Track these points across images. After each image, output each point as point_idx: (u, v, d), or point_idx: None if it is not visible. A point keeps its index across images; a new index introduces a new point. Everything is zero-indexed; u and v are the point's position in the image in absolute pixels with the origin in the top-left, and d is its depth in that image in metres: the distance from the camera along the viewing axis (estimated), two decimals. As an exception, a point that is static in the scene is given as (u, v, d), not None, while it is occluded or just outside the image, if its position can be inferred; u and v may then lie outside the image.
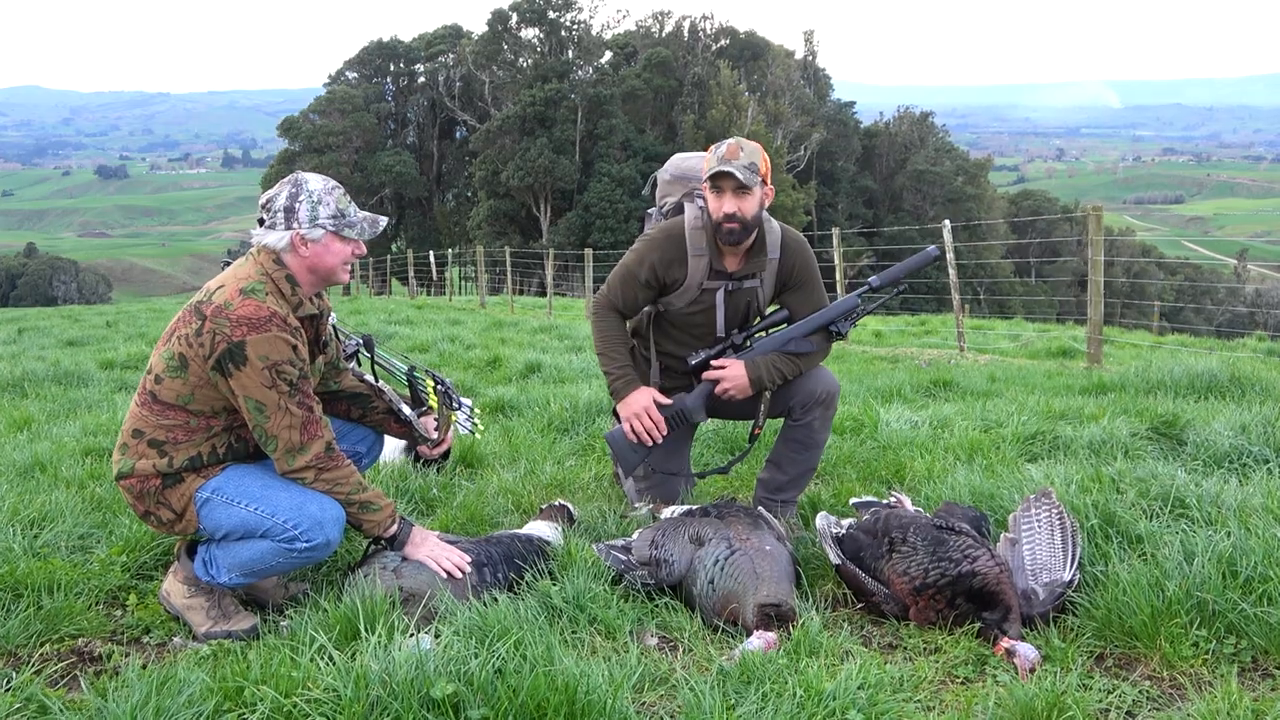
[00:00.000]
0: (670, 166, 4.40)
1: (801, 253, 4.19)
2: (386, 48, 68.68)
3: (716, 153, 3.93)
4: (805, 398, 4.18)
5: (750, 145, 3.94)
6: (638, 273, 4.14)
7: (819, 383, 4.20)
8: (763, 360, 4.09)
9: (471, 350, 11.48)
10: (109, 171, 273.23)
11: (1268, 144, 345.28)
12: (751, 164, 3.89)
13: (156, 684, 2.60)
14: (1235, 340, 17.98)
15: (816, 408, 4.19)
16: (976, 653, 3.05)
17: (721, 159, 3.89)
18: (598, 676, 2.60)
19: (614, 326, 4.26)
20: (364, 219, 3.31)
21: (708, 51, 64.38)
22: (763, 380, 4.09)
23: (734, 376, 4.08)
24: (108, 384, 9.19)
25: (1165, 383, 6.85)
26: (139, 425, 3.22)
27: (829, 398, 4.21)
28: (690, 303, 4.17)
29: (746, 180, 3.85)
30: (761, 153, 3.96)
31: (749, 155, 3.90)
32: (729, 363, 4.10)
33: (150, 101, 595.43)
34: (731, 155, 3.88)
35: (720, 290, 4.14)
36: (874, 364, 10.98)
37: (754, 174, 3.89)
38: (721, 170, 3.86)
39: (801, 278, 4.19)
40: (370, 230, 3.32)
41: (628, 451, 4.19)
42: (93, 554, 3.78)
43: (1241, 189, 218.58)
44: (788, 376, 4.13)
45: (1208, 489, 3.99)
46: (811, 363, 4.18)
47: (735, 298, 4.17)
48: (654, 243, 4.14)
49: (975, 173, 67.60)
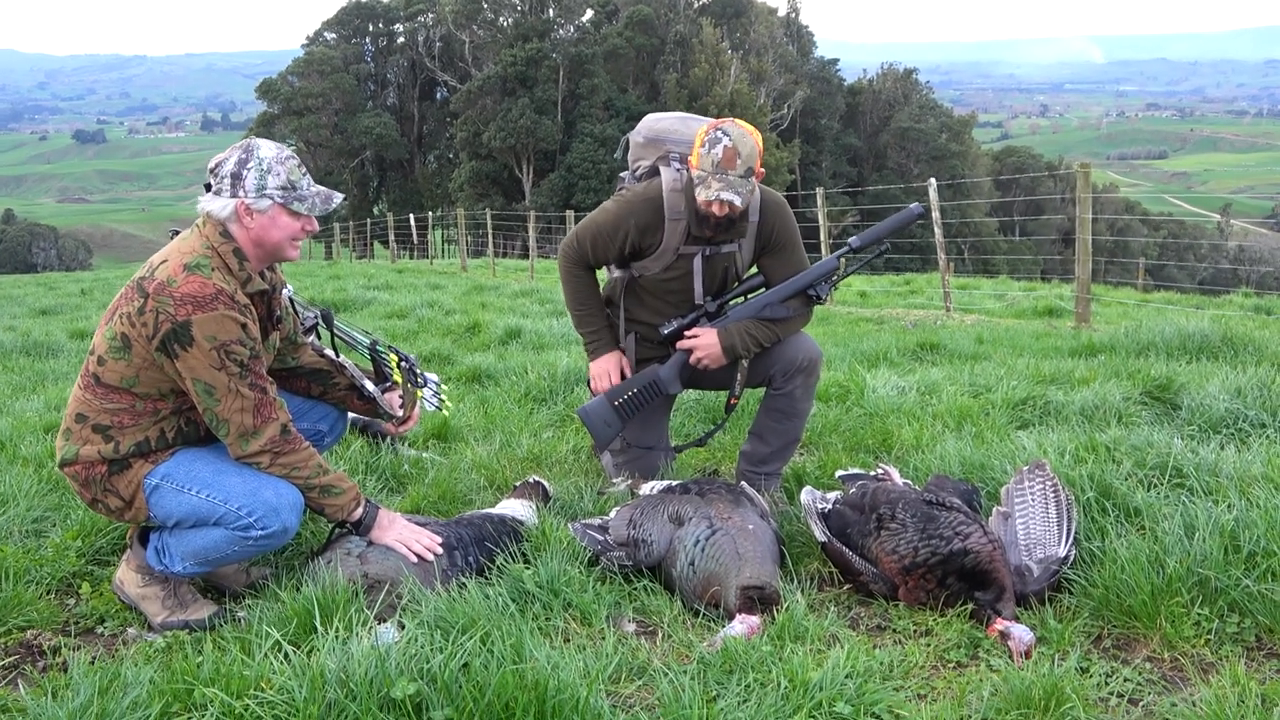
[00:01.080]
0: (643, 128, 4.18)
1: (781, 215, 4.01)
2: (365, 8, 67.77)
3: (711, 156, 3.66)
4: (786, 365, 4.03)
5: (747, 144, 3.66)
6: (613, 234, 3.98)
7: (800, 349, 4.04)
8: (736, 328, 3.93)
9: (451, 316, 11.29)
10: (87, 136, 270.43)
11: (1251, 98, 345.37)
12: (749, 169, 3.66)
13: (101, 686, 2.45)
14: (1221, 296, 17.95)
15: (798, 375, 4.03)
16: (969, 635, 2.91)
17: (716, 166, 3.65)
18: (570, 671, 2.45)
19: (586, 283, 4.15)
20: (316, 194, 3.09)
21: (690, 9, 63.77)
22: (736, 348, 3.93)
23: (707, 345, 3.93)
24: (78, 355, 8.98)
25: (1156, 343, 6.72)
26: (82, 409, 3.04)
27: (810, 365, 4.05)
28: (666, 268, 4.00)
29: (744, 201, 3.68)
30: (755, 142, 3.70)
31: (746, 160, 3.65)
32: (702, 331, 3.95)
33: (127, 64, 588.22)
34: (728, 165, 3.64)
35: (698, 256, 3.97)
36: (859, 325, 10.85)
37: (748, 181, 3.67)
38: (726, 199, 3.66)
39: (781, 240, 4.02)
40: (323, 206, 3.09)
41: (601, 426, 4.07)
42: (46, 538, 3.63)
43: (1225, 144, 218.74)
44: (764, 344, 3.98)
45: (1205, 457, 3.88)
46: (790, 328, 4.02)
47: (713, 263, 4.01)
48: (631, 206, 3.96)
49: (959, 130, 67.39)
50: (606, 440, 4.14)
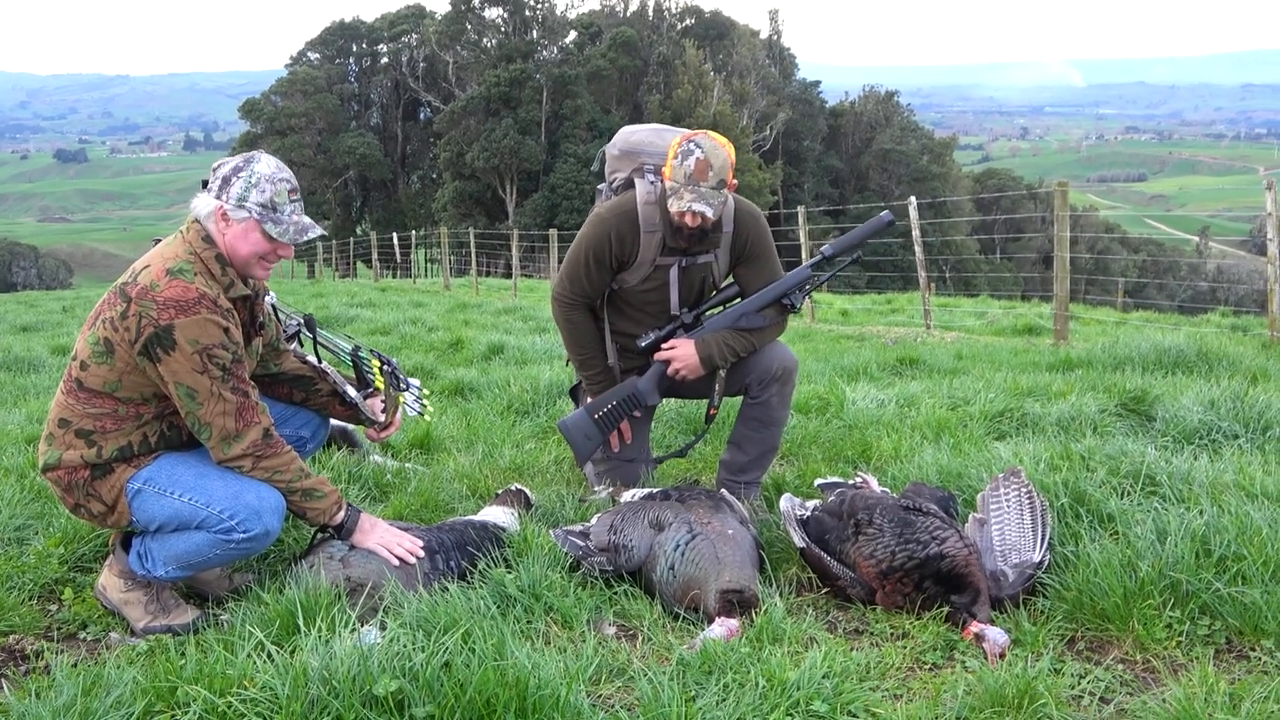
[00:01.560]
0: (618, 141, 4.24)
1: (755, 225, 4.06)
2: (349, 28, 67.92)
3: (683, 168, 3.71)
4: (761, 374, 4.07)
5: (719, 156, 3.70)
6: (599, 255, 4.01)
7: (775, 359, 4.08)
8: (713, 338, 3.96)
9: (434, 332, 11.31)
10: (68, 155, 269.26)
11: (1229, 122, 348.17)
12: (720, 182, 3.71)
13: (84, 685, 2.46)
14: (1199, 316, 18.07)
15: (773, 384, 4.07)
16: (945, 637, 2.96)
17: (688, 178, 3.70)
18: (551, 669, 2.48)
19: (584, 327, 4.17)
20: (294, 223, 3.09)
21: (673, 31, 64.14)
22: (714, 358, 3.96)
23: (684, 356, 3.96)
24: (59, 370, 8.94)
25: (1133, 358, 6.81)
26: (65, 414, 3.06)
27: (785, 374, 4.09)
28: (643, 279, 4.05)
29: (715, 212, 3.72)
30: (728, 154, 3.74)
31: (718, 173, 3.69)
32: (679, 342, 3.98)
33: (109, 84, 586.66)
34: (700, 177, 3.69)
35: (674, 267, 4.02)
36: (840, 343, 10.91)
37: (720, 192, 3.72)
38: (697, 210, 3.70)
39: (755, 250, 4.06)
40: (295, 236, 3.08)
41: (581, 439, 4.11)
42: (29, 546, 3.63)
43: (1203, 167, 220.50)
44: (740, 353, 4.01)
45: (1178, 466, 3.93)
46: (765, 337, 4.06)
47: (690, 274, 4.05)
48: (605, 222, 4.00)
49: (940, 152, 67.78)
50: (587, 453, 4.17)
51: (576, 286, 4.09)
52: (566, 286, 4.11)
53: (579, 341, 4.19)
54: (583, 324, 4.17)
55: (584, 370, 4.23)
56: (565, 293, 4.12)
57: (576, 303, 4.13)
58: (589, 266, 4.04)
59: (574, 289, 4.10)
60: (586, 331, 4.18)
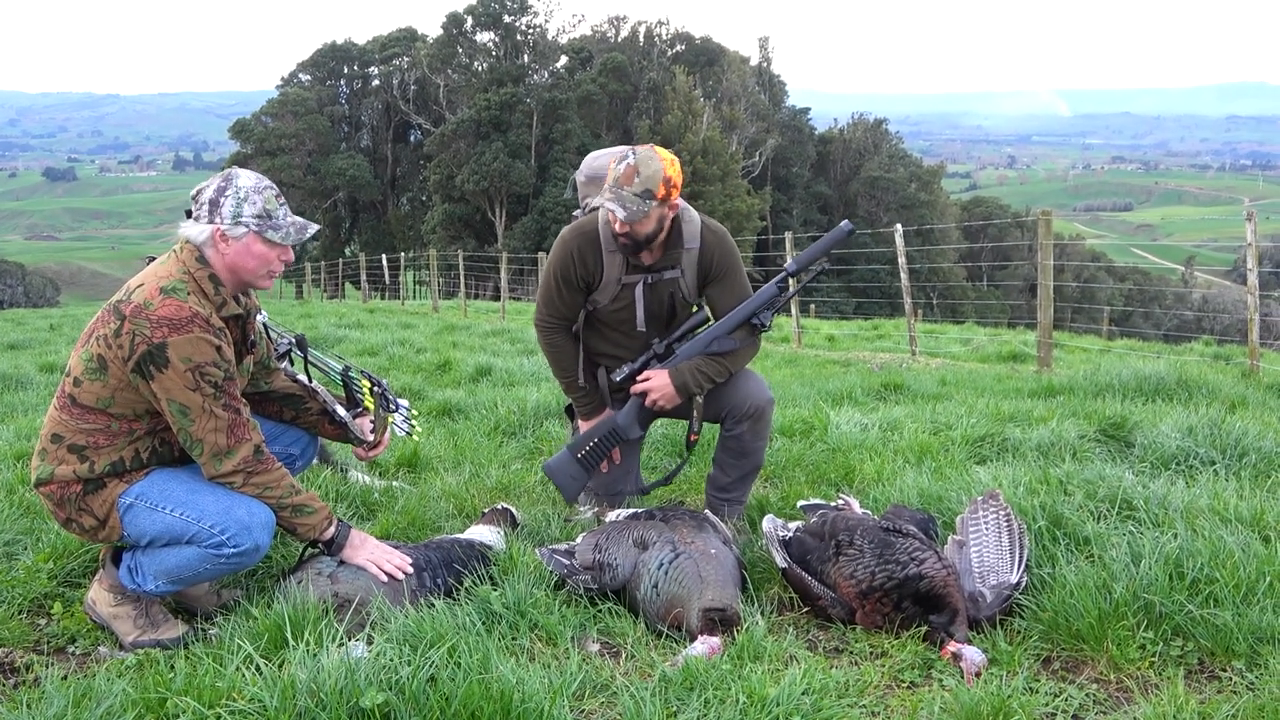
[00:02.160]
0: (585, 168, 4.36)
1: (721, 244, 4.10)
2: (340, 50, 68.06)
3: (614, 172, 3.81)
4: (733, 410, 4.10)
5: (650, 166, 3.75)
6: (566, 275, 4.09)
7: (748, 396, 4.09)
8: (686, 366, 4.00)
9: (422, 354, 11.35)
10: (57, 174, 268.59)
11: (1214, 153, 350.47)
12: (645, 190, 3.74)
13: (75, 697, 2.50)
14: (1183, 345, 18.21)
15: (745, 420, 4.10)
16: (923, 656, 3.01)
17: (614, 181, 3.79)
18: (535, 684, 2.52)
19: (566, 350, 4.25)
20: (291, 224, 3.17)
21: (663, 57, 64.45)
22: (688, 385, 4.00)
23: (659, 387, 4.01)
24: (47, 388, 8.95)
25: (1114, 385, 6.88)
26: (58, 430, 3.10)
27: (757, 412, 4.10)
28: (613, 299, 4.12)
29: (629, 216, 3.75)
30: (664, 168, 3.78)
31: (645, 181, 3.74)
32: (654, 374, 4.03)
33: (99, 103, 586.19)
34: (625, 181, 3.76)
35: (639, 284, 4.08)
36: (826, 368, 10.99)
37: (646, 200, 3.75)
38: (604, 205, 3.82)
39: (722, 268, 4.09)
40: (297, 236, 3.17)
41: (567, 480, 4.16)
42: (18, 561, 3.66)
43: (1189, 197, 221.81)
44: (715, 378, 4.03)
45: (1155, 490, 3.99)
46: (739, 360, 4.07)
47: (657, 290, 4.10)
48: (566, 243, 4.09)
49: (928, 179, 68.05)
50: (574, 493, 4.22)
51: (551, 309, 4.18)
52: (543, 310, 4.21)
53: (561, 364, 4.27)
54: (564, 347, 4.24)
55: (570, 393, 4.31)
56: (543, 316, 4.22)
57: (555, 325, 4.21)
58: (559, 288, 4.13)
59: (550, 311, 4.19)
60: (568, 354, 4.25)
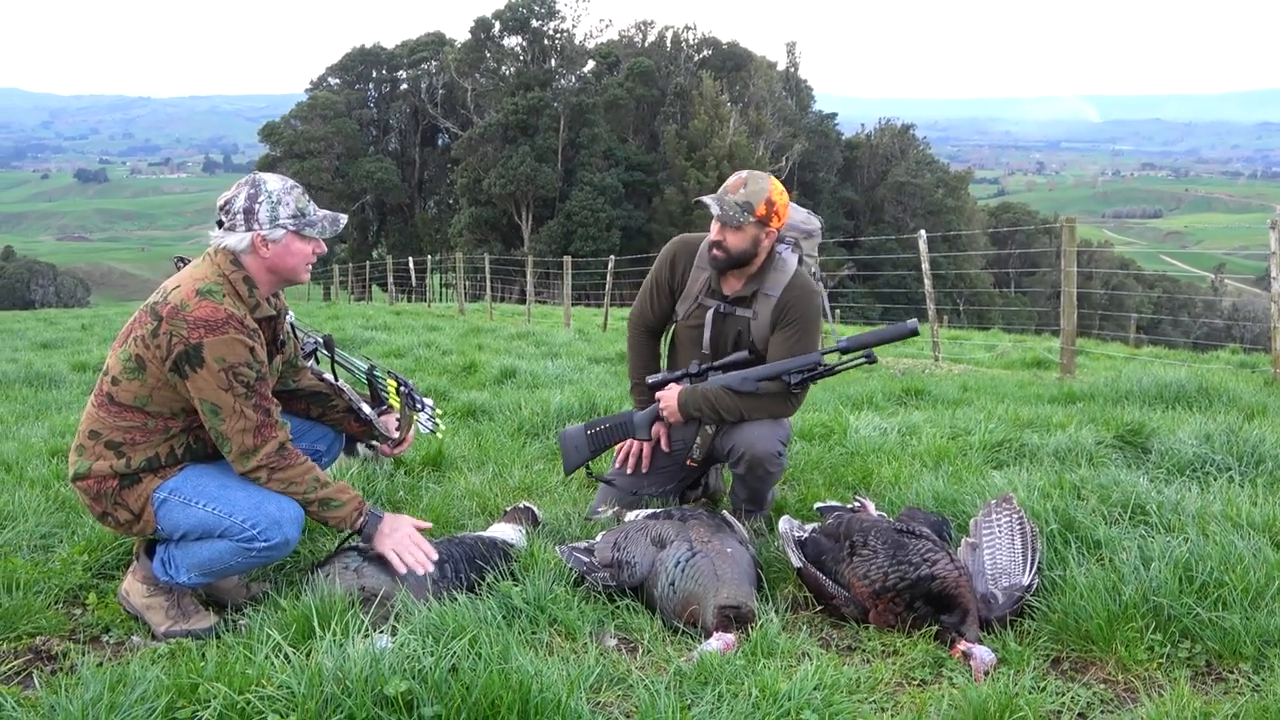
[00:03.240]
0: None
1: (803, 298, 4.10)
2: (369, 54, 68.53)
3: (726, 182, 4.02)
4: (732, 451, 4.11)
5: (759, 185, 3.94)
6: (655, 279, 4.33)
7: (746, 441, 4.05)
8: (697, 390, 4.10)
9: (448, 356, 11.46)
10: (88, 175, 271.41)
11: (1245, 160, 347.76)
12: (746, 203, 3.90)
13: (111, 681, 2.59)
14: (1209, 353, 18.10)
15: (741, 464, 4.09)
16: (934, 655, 3.07)
17: (722, 190, 3.98)
18: (553, 675, 2.60)
19: (646, 351, 4.46)
20: (324, 217, 3.30)
21: (690, 62, 64.54)
22: (687, 406, 4.10)
23: (667, 399, 4.16)
24: (80, 386, 9.13)
25: (1134, 392, 6.91)
26: (96, 426, 3.21)
27: (753, 459, 4.05)
28: (687, 314, 4.27)
29: (726, 219, 3.91)
30: (770, 194, 3.92)
31: (749, 194, 3.92)
32: (672, 387, 4.17)
33: (131, 105, 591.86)
34: (732, 189, 3.97)
35: (712, 310, 4.19)
36: (848, 373, 11.00)
37: (744, 212, 3.90)
38: (702, 200, 3.99)
39: (790, 319, 4.08)
40: (331, 228, 3.31)
41: (571, 450, 4.35)
42: (54, 553, 3.77)
43: (1219, 204, 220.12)
44: (721, 412, 4.05)
45: (1169, 496, 4.04)
46: (754, 406, 4.05)
47: (726, 323, 4.20)
48: (673, 244, 4.33)
49: (956, 185, 67.85)
50: (573, 465, 4.36)
51: (642, 307, 4.39)
52: (636, 307, 4.43)
53: (636, 364, 4.46)
54: (644, 348, 4.45)
55: (634, 392, 4.48)
56: (635, 313, 4.44)
57: (642, 325, 4.42)
58: (653, 291, 4.34)
59: (640, 310, 4.40)
60: (646, 356, 4.45)
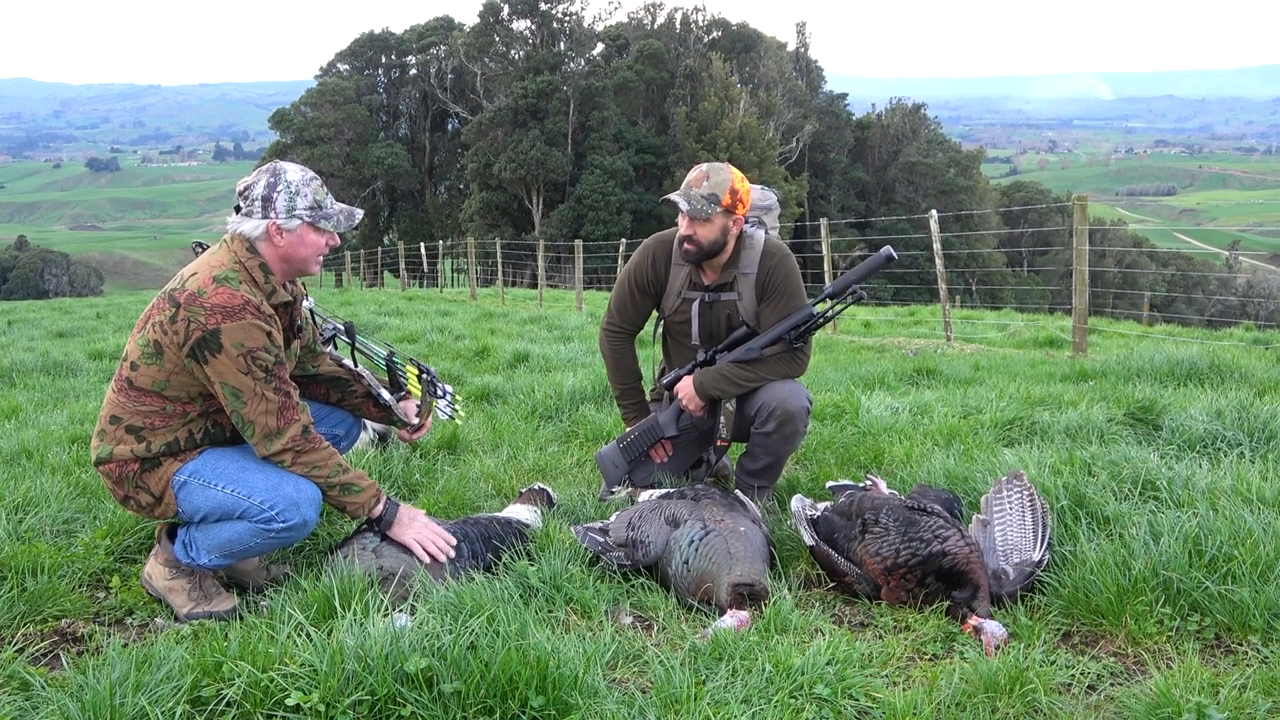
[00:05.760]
0: None
1: (779, 266, 4.20)
2: (378, 40, 68.48)
3: (688, 177, 4.06)
4: (761, 409, 4.16)
5: (720, 176, 4.00)
6: (634, 283, 4.33)
7: (777, 398, 4.12)
8: (710, 371, 4.17)
9: (460, 340, 11.52)
10: (100, 164, 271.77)
11: (1260, 136, 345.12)
12: (711, 195, 3.96)
13: (137, 661, 2.64)
14: (1223, 331, 18.04)
15: (771, 420, 4.14)
16: (945, 630, 3.10)
17: (685, 185, 4.03)
18: (569, 652, 2.65)
19: (624, 358, 4.48)
20: (340, 211, 3.34)
21: (700, 43, 64.41)
22: (706, 388, 4.16)
23: (684, 389, 4.22)
24: (96, 374, 9.20)
25: (1146, 370, 6.90)
26: (116, 411, 3.26)
27: (785, 414, 4.10)
28: (675, 310, 4.31)
29: (695, 212, 3.98)
30: (733, 183, 4.00)
31: (713, 185, 3.98)
32: (686, 379, 4.22)
33: (141, 94, 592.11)
34: (695, 183, 4.01)
35: (697, 301, 4.24)
36: (861, 353, 11.04)
37: (711, 204, 3.96)
38: (670, 198, 4.03)
39: (775, 286, 4.19)
40: (346, 223, 3.35)
41: (610, 466, 4.39)
42: (77, 538, 3.83)
43: (1234, 181, 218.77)
44: (740, 383, 4.14)
45: (1179, 472, 4.05)
46: (766, 369, 4.14)
47: (714, 310, 4.26)
48: (646, 247, 4.33)
49: (968, 164, 67.63)
50: (615, 479, 4.42)
51: (622, 315, 4.39)
52: (614, 316, 4.42)
53: (619, 372, 4.48)
54: (625, 355, 4.47)
55: (622, 400, 4.52)
56: (612, 322, 4.43)
57: (621, 333, 4.44)
58: (633, 292, 4.35)
59: (620, 317, 4.41)
60: (628, 363, 4.48)
